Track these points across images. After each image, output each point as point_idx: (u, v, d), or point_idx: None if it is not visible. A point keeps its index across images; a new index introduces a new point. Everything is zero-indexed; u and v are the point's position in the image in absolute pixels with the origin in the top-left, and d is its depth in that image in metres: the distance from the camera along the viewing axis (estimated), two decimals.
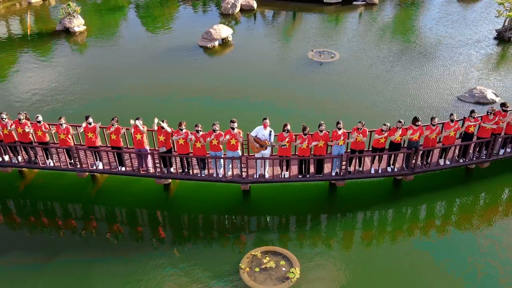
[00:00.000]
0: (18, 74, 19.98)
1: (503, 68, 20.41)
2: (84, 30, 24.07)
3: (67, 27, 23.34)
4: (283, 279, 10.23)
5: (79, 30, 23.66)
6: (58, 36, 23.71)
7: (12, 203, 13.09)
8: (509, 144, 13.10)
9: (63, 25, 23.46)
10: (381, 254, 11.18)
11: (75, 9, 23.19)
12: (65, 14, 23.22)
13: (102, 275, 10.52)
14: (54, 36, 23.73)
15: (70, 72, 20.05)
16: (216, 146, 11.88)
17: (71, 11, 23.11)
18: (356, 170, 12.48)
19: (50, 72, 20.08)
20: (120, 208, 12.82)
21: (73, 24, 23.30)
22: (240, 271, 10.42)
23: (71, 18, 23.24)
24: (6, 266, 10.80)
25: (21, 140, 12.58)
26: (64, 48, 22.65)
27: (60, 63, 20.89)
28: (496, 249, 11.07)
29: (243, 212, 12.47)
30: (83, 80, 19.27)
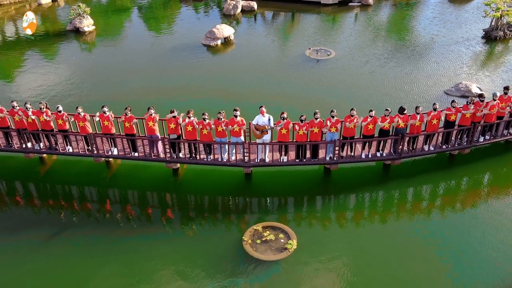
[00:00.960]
0: (34, 71, 21.15)
1: (489, 65, 21.63)
2: (93, 30, 25.34)
3: (77, 27, 24.60)
4: (281, 249, 11.44)
5: (89, 30, 24.92)
6: (69, 35, 24.98)
7: (33, 187, 14.29)
8: (488, 132, 14.33)
9: (73, 25, 24.72)
10: (371, 230, 12.37)
11: (85, 9, 24.44)
12: (75, 15, 24.46)
13: (116, 250, 11.64)
14: (64, 36, 24.99)
15: (82, 69, 21.30)
16: (221, 132, 13.11)
17: (81, 11, 24.35)
18: (348, 155, 13.71)
19: (64, 69, 21.31)
20: (132, 191, 14.02)
21: (83, 24, 24.56)
22: (243, 243, 11.64)
23: (81, 19, 24.51)
24: (28, 241, 11.89)
25: (44, 128, 13.80)
26: (75, 47, 23.92)
27: (72, 61, 22.16)
28: (477, 228, 12.15)
29: (245, 193, 13.68)
30: (95, 76, 20.49)
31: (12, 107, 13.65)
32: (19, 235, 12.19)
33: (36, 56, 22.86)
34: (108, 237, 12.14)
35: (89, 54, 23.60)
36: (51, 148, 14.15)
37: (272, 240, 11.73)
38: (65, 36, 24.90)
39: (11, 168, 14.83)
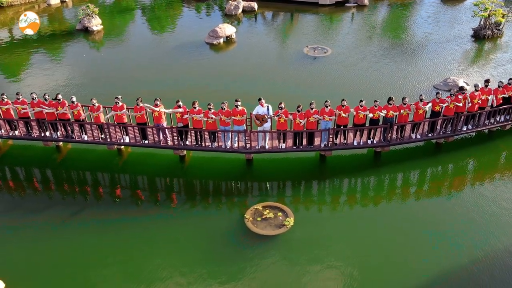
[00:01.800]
0: (49, 67, 22.34)
1: (477, 61, 22.82)
2: (101, 29, 26.56)
3: (86, 26, 25.81)
4: (280, 226, 12.62)
5: (97, 29, 26.13)
6: (78, 34, 26.20)
7: (50, 173, 15.45)
8: (470, 121, 15.50)
9: (83, 25, 25.94)
10: (362, 211, 13.55)
11: (93, 10, 25.66)
12: (84, 15, 25.68)
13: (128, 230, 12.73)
14: (74, 35, 26.20)
15: (92, 65, 22.55)
16: (225, 121, 14.29)
17: (90, 12, 25.57)
18: (341, 142, 14.90)
19: (76, 65, 22.54)
20: (142, 176, 15.19)
21: (91, 23, 25.78)
22: (245, 220, 12.81)
23: (90, 18, 25.72)
24: (46, 223, 12.97)
25: (61, 118, 14.98)
26: (85, 45, 25.16)
27: (83, 58, 23.40)
28: (462, 211, 13.25)
29: (247, 178, 14.86)
30: (104, 72, 21.69)
31: (32, 98, 14.85)
32: (38, 216, 13.29)
33: (49, 54, 24.08)
34: (120, 218, 13.20)
35: (98, 52, 24.83)
36: (67, 137, 15.33)
37: (271, 217, 12.90)
38: (75, 35, 26.12)
39: (30, 155, 15.98)
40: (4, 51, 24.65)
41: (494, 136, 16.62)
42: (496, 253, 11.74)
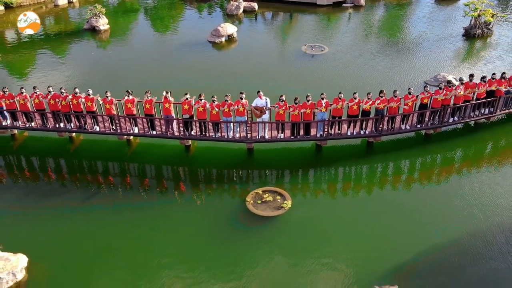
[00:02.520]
0: (60, 64, 23.61)
1: (466, 59, 23.94)
2: (108, 28, 27.68)
3: (93, 26, 26.93)
4: (278, 208, 13.69)
5: (104, 29, 27.26)
6: (86, 33, 27.33)
7: (63, 162, 16.54)
8: (457, 113, 16.58)
9: (90, 24, 27.07)
10: (355, 196, 14.62)
11: (100, 10, 26.79)
12: (92, 15, 26.80)
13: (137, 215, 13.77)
14: (82, 34, 27.33)
15: (100, 62, 23.71)
16: (227, 113, 15.38)
17: (97, 12, 26.69)
18: (336, 132, 15.98)
19: (85, 62, 23.71)
20: (150, 165, 16.25)
21: (99, 23, 26.91)
22: (246, 203, 13.88)
23: (97, 18, 26.84)
24: (61, 208, 14.00)
25: (75, 110, 16.07)
26: (93, 43, 26.29)
27: (91, 56, 24.53)
28: (448, 197, 14.28)
29: (248, 166, 15.94)
30: (111, 69, 22.81)
31: (48, 92, 15.94)
32: (54, 201, 14.33)
33: (59, 52, 25.22)
34: (129, 203, 14.23)
35: (105, 50, 25.95)
36: (80, 128, 16.42)
37: (271, 200, 13.98)
38: (82, 34, 27.25)
39: (44, 146, 17.07)
40: (15, 49, 25.78)
41: (480, 127, 17.71)
42: (477, 232, 12.82)
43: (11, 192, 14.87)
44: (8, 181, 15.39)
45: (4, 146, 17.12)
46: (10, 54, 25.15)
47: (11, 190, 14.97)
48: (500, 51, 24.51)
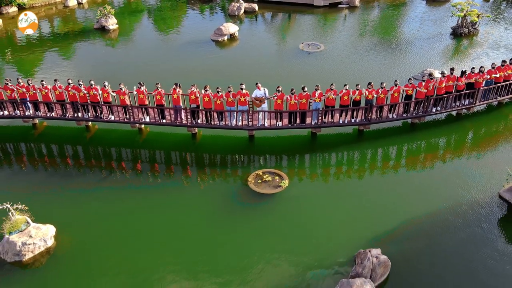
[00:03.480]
0: (76, 60, 25.40)
1: (452, 55, 25.59)
2: (117, 28, 29.31)
3: (103, 25, 28.57)
4: (277, 186, 15.29)
5: (113, 28, 28.89)
6: (96, 33, 28.98)
7: (80, 149, 18.12)
8: (439, 103, 18.18)
9: (100, 24, 28.71)
10: (347, 178, 16.18)
11: (110, 10, 28.43)
12: (102, 15, 28.44)
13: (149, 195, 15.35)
14: (93, 33, 28.97)
15: (111, 58, 25.34)
16: (231, 102, 16.99)
17: (107, 12, 28.33)
18: (329, 121, 17.58)
19: (96, 59, 25.35)
20: (159, 151, 17.84)
21: (108, 23, 28.55)
22: (248, 182, 15.48)
23: (107, 18, 28.48)
24: (80, 189, 15.55)
25: (92, 101, 17.68)
26: (103, 42, 27.93)
27: (102, 53, 26.19)
28: (429, 178, 15.93)
29: (249, 151, 17.53)
30: (121, 65, 24.41)
31: (68, 84, 17.55)
32: (74, 182, 15.93)
33: (72, 49, 26.94)
34: (141, 186, 15.74)
35: (114, 48, 27.57)
36: (97, 117, 18.02)
37: (270, 180, 15.58)
38: (93, 33, 28.90)
39: (63, 134, 18.65)
40: (29, 48, 27.38)
41: (462, 118, 19.32)
42: (449, 207, 14.43)
43: (36, 174, 16.49)
44: (31, 164, 17.00)
45: (26, 134, 18.73)
46: (24, 52, 26.77)
47: (35, 172, 16.59)
48: (485, 48, 26.15)
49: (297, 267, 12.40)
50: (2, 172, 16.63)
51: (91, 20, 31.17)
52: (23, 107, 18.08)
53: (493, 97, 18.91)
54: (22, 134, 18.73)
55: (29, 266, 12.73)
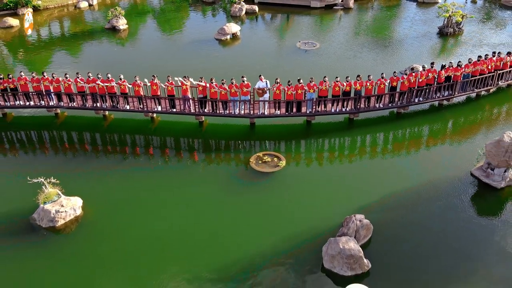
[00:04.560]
0: (91, 57, 27.40)
1: (438, 52, 27.65)
2: (126, 28, 31.39)
3: (114, 25, 30.65)
4: (275, 166, 17.32)
5: (123, 28, 30.97)
6: (108, 32, 31.06)
7: (98, 136, 20.13)
8: (421, 94, 20.20)
9: (111, 24, 30.79)
10: (338, 160, 18.22)
11: (120, 11, 30.52)
12: (112, 16, 30.53)
13: (160, 177, 17.50)
14: (104, 33, 31.05)
15: (122, 56, 27.36)
16: (234, 93, 19.02)
17: (117, 13, 30.42)
18: (322, 109, 19.62)
19: (109, 57, 27.41)
20: (169, 138, 19.86)
21: (119, 23, 30.62)
22: (250, 163, 17.50)
23: (117, 19, 30.56)
24: (99, 171, 17.54)
25: (109, 92, 19.71)
26: (114, 40, 30.02)
27: (114, 51, 28.28)
28: (412, 159, 18.04)
29: (251, 137, 19.55)
30: (131, 62, 26.45)
31: (88, 76, 19.59)
32: (95, 164, 17.99)
33: (86, 48, 28.97)
34: (153, 168, 17.69)
35: (124, 46, 29.64)
36: (113, 107, 20.05)
37: (269, 161, 17.61)
38: (105, 33, 30.99)
39: (83, 123, 20.66)
40: (46, 47, 29.43)
41: (443, 108, 21.36)
42: (428, 181, 16.46)
43: (61, 156, 18.53)
44: (57, 148, 19.03)
45: (49, 123, 20.75)
46: (41, 50, 28.82)
47: (61, 155, 18.63)
48: (470, 46, 28.18)
49: (293, 232, 14.41)
50: (32, 154, 18.75)
51: (101, 21, 33.20)
52: (48, 98, 20.11)
53: (470, 90, 20.93)
54: (46, 123, 20.74)
55: (61, 231, 14.76)
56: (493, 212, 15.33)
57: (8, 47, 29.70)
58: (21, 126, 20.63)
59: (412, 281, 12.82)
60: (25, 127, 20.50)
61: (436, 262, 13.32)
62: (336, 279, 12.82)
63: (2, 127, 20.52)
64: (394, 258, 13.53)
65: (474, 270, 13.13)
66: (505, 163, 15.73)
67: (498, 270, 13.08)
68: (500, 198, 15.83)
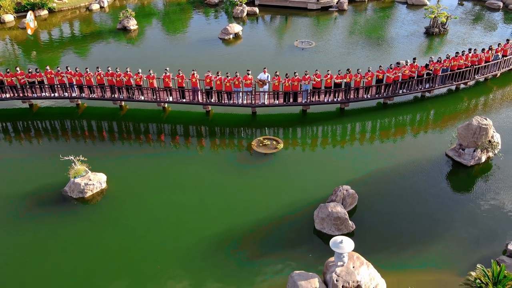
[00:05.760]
0: (107, 54, 29.78)
1: (424, 50, 30.06)
2: (136, 28, 33.80)
3: (125, 26, 33.07)
4: (274, 148, 19.67)
5: (133, 28, 33.39)
6: (119, 32, 33.50)
7: (114, 125, 22.49)
8: (405, 86, 22.56)
9: (122, 25, 33.21)
10: (330, 145, 20.58)
11: (131, 13, 32.94)
12: (124, 17, 32.96)
13: (170, 161, 19.89)
14: (116, 33, 33.47)
15: (133, 54, 29.75)
16: (237, 85, 21.40)
17: (128, 14, 32.84)
18: (316, 100, 21.99)
19: (121, 54, 29.81)
20: (179, 126, 22.23)
21: (129, 24, 33.04)
22: (252, 145, 19.87)
23: (128, 20, 32.98)
24: (117, 152, 20.04)
25: (126, 84, 22.08)
26: (126, 39, 32.44)
27: (126, 49, 30.69)
28: (396, 144, 20.41)
29: (252, 124, 21.90)
30: (143, 58, 28.84)
31: (107, 70, 21.99)
32: (114, 148, 20.41)
33: (101, 46, 31.43)
34: (164, 153, 20.04)
35: (134, 45, 32.05)
36: (129, 97, 22.42)
37: (268, 144, 19.97)
38: (116, 33, 33.42)
39: (101, 112, 23.03)
40: (62, 46, 31.83)
41: (425, 99, 23.72)
42: (406, 160, 18.82)
43: (84, 141, 20.91)
44: (80, 134, 21.39)
45: (71, 112, 23.12)
46: (60, 49, 31.22)
47: (84, 139, 21.00)
48: (454, 44, 30.56)
49: (289, 201, 16.76)
50: (59, 139, 21.14)
51: (112, 22, 35.62)
52: (71, 90, 22.49)
53: (449, 82, 23.30)
54: (68, 113, 23.11)
55: (89, 201, 17.11)
56: (462, 186, 17.70)
57: (27, 45, 32.11)
58: (46, 115, 23.02)
59: (389, 239, 15.16)
60: (50, 117, 22.89)
61: (410, 226, 15.66)
62: (325, 238, 15.13)
63: (30, 116, 22.93)
64: (375, 222, 15.88)
65: (442, 233, 15.42)
66: (473, 144, 18.09)
67: (461, 233, 15.39)
68: (469, 174, 18.19)
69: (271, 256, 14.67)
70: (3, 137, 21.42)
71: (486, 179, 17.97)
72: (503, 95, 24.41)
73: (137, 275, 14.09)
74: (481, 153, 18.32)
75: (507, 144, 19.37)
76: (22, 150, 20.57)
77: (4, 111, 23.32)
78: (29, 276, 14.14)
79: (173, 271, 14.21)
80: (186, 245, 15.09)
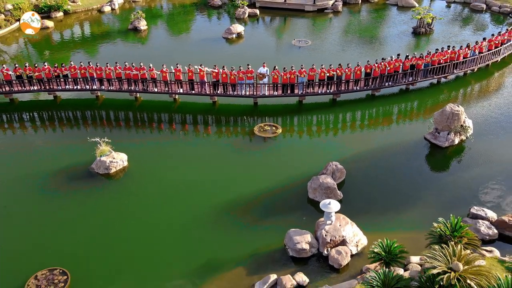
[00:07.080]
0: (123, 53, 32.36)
1: (411, 48, 32.73)
2: (146, 28, 36.50)
3: (136, 26, 35.76)
4: (273, 133, 22.33)
5: (144, 29, 36.08)
6: (130, 32, 36.19)
7: (131, 114, 25.16)
8: (390, 79, 25.22)
9: (133, 25, 35.90)
10: (322, 132, 23.28)
11: (141, 14, 35.65)
12: (135, 18, 35.66)
13: (179, 147, 22.63)
14: (127, 33, 36.15)
15: (144, 52, 32.45)
16: (241, 78, 24.07)
17: (139, 16, 35.54)
18: (311, 91, 24.65)
19: (134, 52, 32.47)
20: (189, 114, 24.88)
21: (140, 24, 35.74)
22: (254, 130, 22.53)
23: (139, 21, 35.68)
24: (135, 138, 22.87)
25: (142, 77, 24.74)
26: (137, 39, 35.15)
27: (137, 47, 33.40)
28: (382, 130, 23.11)
29: (254, 113, 24.55)
30: (153, 56, 31.46)
31: (125, 66, 24.67)
32: (131, 134, 23.06)
33: (114, 45, 34.08)
34: (175, 140, 22.69)
35: (144, 44, 34.75)
36: (144, 89, 25.09)
37: (268, 129, 22.63)
38: (128, 33, 36.11)
39: (118, 103, 25.69)
40: (79, 44, 34.54)
41: (410, 91, 26.38)
42: (389, 143, 21.47)
43: (104, 127, 23.57)
44: (97, 124, 24.02)
45: (91, 104, 25.78)
46: (77, 47, 33.94)
47: (104, 126, 23.65)
48: (438, 43, 33.15)
49: (286, 176, 19.38)
50: (81, 126, 23.82)
51: (123, 23, 38.30)
52: (92, 83, 25.16)
53: (430, 76, 25.97)
54: (88, 104, 25.76)
55: (113, 177, 19.75)
56: (437, 164, 20.37)
57: (46, 44, 34.81)
58: (70, 106, 25.67)
59: (371, 206, 17.78)
60: (73, 107, 25.53)
61: (390, 196, 18.27)
62: (317, 206, 17.66)
63: (54, 107, 25.59)
64: (360, 193, 18.51)
65: (416, 201, 18.00)
66: (447, 127, 20.74)
67: (432, 201, 17.98)
68: (444, 154, 20.85)
69: (270, 220, 17.30)
70: (35, 124, 24.24)
71: (458, 158, 20.64)
72: (479, 88, 27.10)
73: (155, 239, 16.59)
74: (455, 136, 20.95)
75: (479, 128, 22.04)
76: (52, 135, 23.28)
77: (31, 102, 26.02)
78: (61, 243, 16.46)
79: (187, 233, 16.79)
80: (197, 214, 17.66)
